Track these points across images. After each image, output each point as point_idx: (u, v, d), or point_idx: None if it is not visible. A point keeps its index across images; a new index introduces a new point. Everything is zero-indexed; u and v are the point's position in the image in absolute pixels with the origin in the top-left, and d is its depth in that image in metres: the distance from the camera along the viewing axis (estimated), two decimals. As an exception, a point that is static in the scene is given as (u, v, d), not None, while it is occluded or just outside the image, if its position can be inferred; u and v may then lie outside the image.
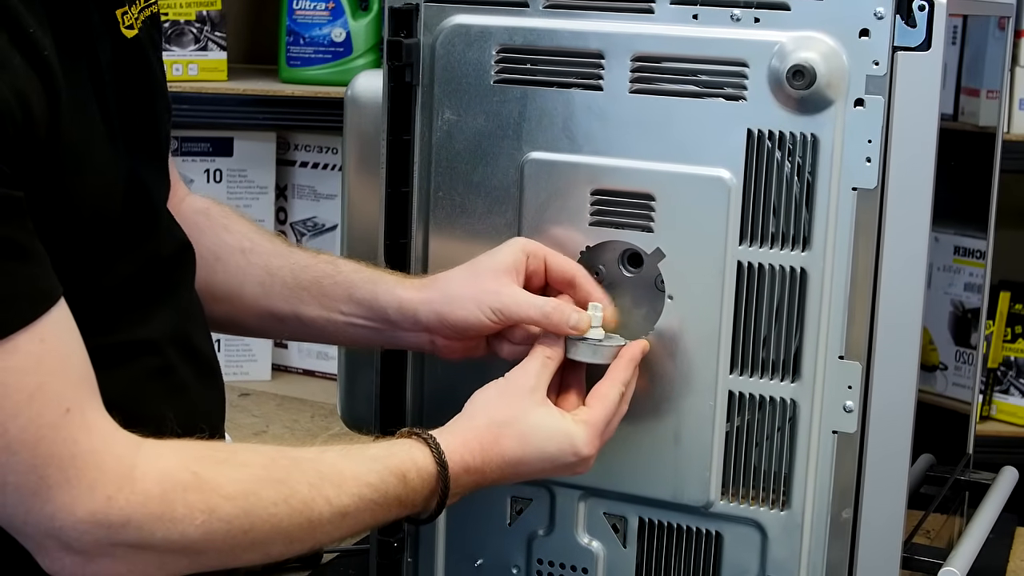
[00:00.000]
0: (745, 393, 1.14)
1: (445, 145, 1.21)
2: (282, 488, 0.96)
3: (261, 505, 0.95)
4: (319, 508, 0.98)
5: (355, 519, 1.00)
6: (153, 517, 0.91)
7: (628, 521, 1.20)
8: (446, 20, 1.19)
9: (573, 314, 1.12)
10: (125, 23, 1.06)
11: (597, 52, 1.15)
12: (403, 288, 1.18)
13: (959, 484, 1.40)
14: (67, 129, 0.93)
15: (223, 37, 2.04)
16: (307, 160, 2.15)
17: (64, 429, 0.90)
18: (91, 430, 0.91)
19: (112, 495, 0.90)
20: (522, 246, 1.16)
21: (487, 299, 1.13)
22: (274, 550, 0.97)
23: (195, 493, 0.93)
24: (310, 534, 0.98)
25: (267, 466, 0.98)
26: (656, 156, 1.14)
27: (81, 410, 0.91)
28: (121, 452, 0.92)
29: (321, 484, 0.98)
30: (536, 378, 1.10)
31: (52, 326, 0.90)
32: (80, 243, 0.97)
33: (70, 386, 0.91)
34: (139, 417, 0.95)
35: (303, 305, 1.21)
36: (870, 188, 1.08)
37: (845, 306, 1.10)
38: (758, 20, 1.10)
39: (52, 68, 0.91)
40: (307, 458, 1.00)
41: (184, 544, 0.92)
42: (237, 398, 1.97)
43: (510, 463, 1.08)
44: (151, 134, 1.09)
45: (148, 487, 0.92)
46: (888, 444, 1.11)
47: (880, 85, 1.07)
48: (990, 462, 1.44)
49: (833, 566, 1.13)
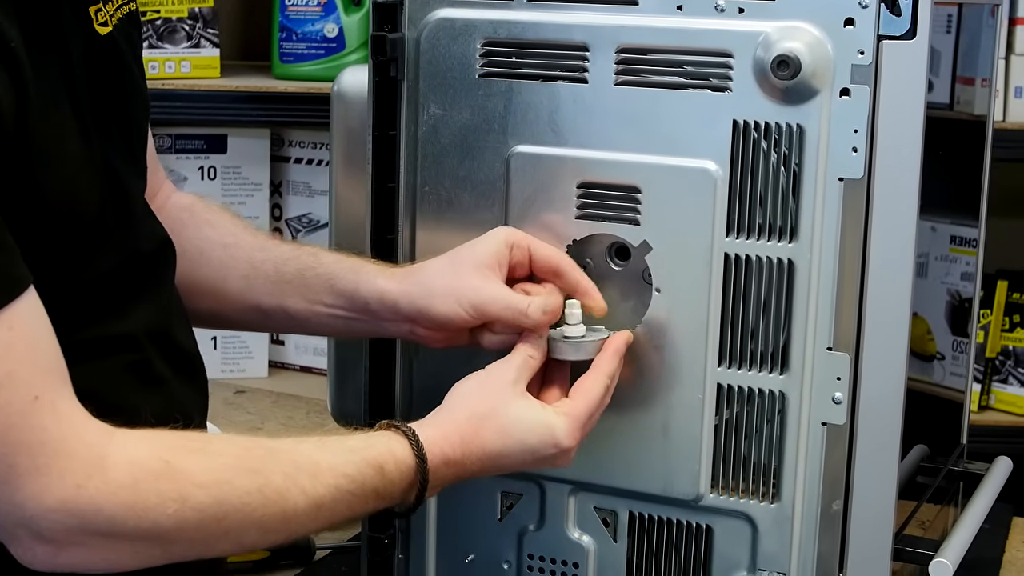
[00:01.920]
0: (734, 385, 1.13)
1: (431, 140, 1.20)
2: (256, 477, 0.96)
3: (235, 494, 0.94)
4: (294, 498, 0.97)
5: (331, 510, 0.99)
6: (124, 506, 0.91)
7: (618, 515, 1.19)
8: (430, 14, 1.19)
9: (547, 300, 1.12)
10: (99, 20, 1.05)
11: (582, 44, 1.14)
12: (384, 279, 1.17)
13: (954, 475, 1.40)
14: (36, 122, 0.92)
15: (215, 34, 2.04)
16: (301, 156, 2.14)
17: (33, 417, 0.89)
18: (61, 418, 0.90)
19: (82, 483, 0.90)
20: (504, 237, 1.15)
21: (466, 294, 1.13)
22: (248, 540, 0.96)
23: (167, 482, 0.92)
24: (285, 524, 0.97)
25: (241, 455, 0.97)
26: (642, 148, 1.13)
27: (51, 398, 0.90)
28: (92, 440, 0.91)
29: (296, 474, 0.97)
30: (517, 371, 1.10)
31: (21, 314, 0.89)
32: (54, 237, 0.96)
33: (39, 374, 0.90)
34: (113, 409, 0.94)
35: (286, 298, 1.20)
36: (857, 178, 1.08)
37: (833, 297, 1.09)
38: (743, 10, 1.10)
39: (19, 60, 0.91)
40: (283, 448, 1.00)
41: (156, 533, 0.92)
42: (233, 395, 1.97)
43: (491, 456, 1.07)
44: (125, 130, 1.08)
45: (119, 476, 0.91)
46: (878, 435, 1.10)
47: (865, 74, 1.06)
48: (989, 452, 1.44)
49: (824, 558, 1.13)
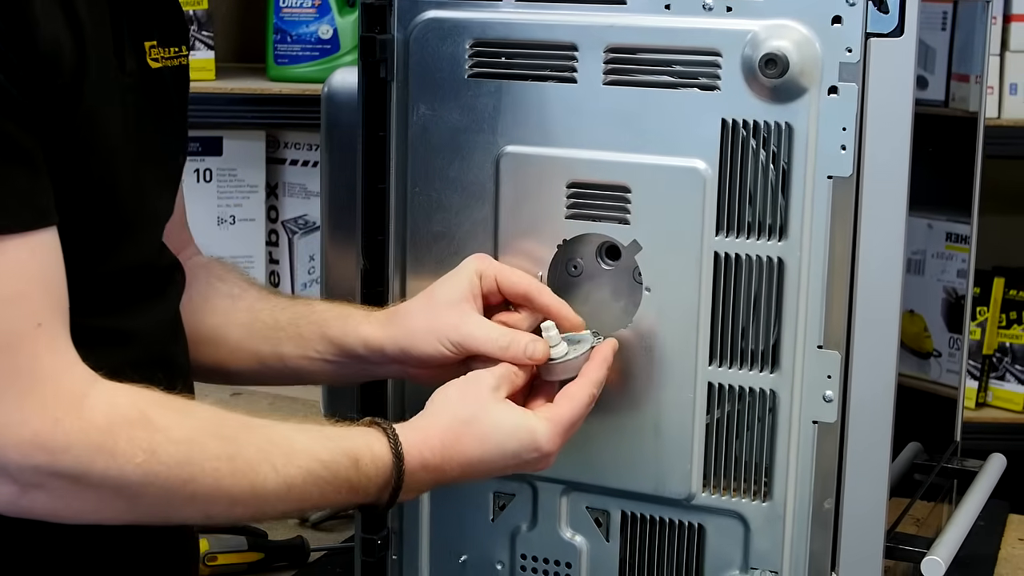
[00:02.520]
0: (724, 384, 1.13)
1: (421, 140, 1.20)
2: (228, 445, 0.96)
3: (204, 456, 0.95)
4: (264, 473, 0.97)
5: (302, 492, 0.99)
6: (94, 447, 0.91)
7: (611, 515, 1.19)
8: (419, 15, 1.19)
9: (529, 344, 1.12)
10: (151, 55, 1.09)
11: (570, 44, 1.14)
12: (368, 325, 1.18)
13: (949, 472, 1.40)
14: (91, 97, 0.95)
15: (210, 36, 2.04)
16: (297, 158, 2.15)
17: (31, 342, 0.90)
18: (55, 352, 0.92)
19: (60, 418, 0.91)
20: (475, 268, 1.15)
21: (446, 333, 1.14)
22: (215, 509, 0.97)
23: (140, 431, 0.93)
24: (253, 499, 0.97)
25: (217, 423, 0.98)
26: (631, 148, 1.13)
27: (51, 329, 0.92)
28: (78, 378, 0.93)
29: (270, 450, 0.98)
30: (498, 379, 1.10)
31: (43, 245, 0.91)
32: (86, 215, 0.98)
33: (47, 305, 0.92)
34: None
35: (281, 345, 1.22)
36: (845, 176, 1.08)
37: (823, 295, 1.09)
38: (730, 9, 1.10)
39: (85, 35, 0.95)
40: (260, 424, 1.00)
41: (121, 483, 0.92)
42: (229, 397, 1.97)
43: (471, 462, 1.07)
44: (158, 154, 1.10)
45: (95, 416, 0.92)
46: (869, 433, 1.10)
47: (853, 72, 1.06)
48: (987, 448, 1.44)
49: (816, 556, 1.13)
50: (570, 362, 1.13)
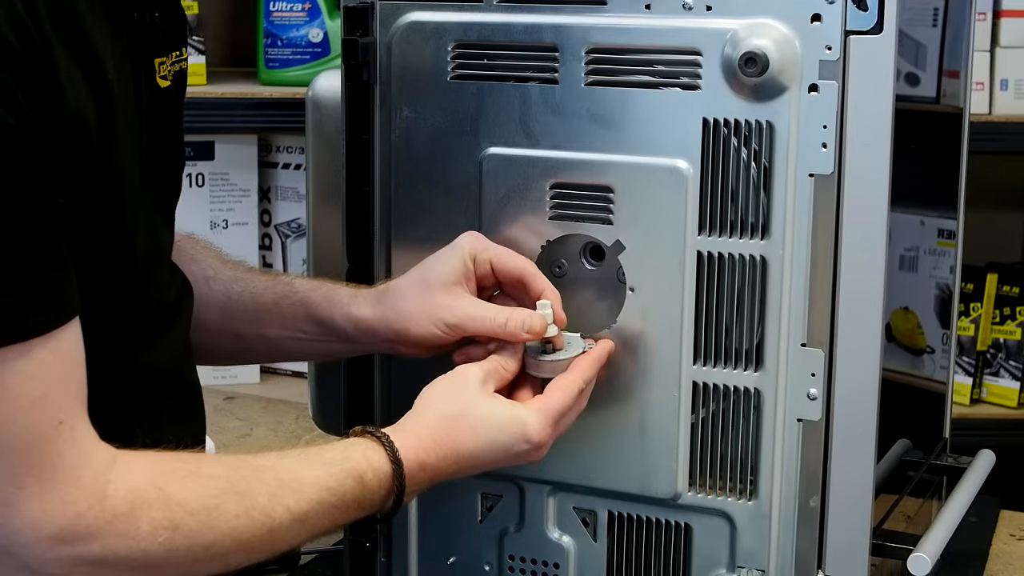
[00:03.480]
0: (709, 383, 1.13)
1: (404, 143, 1.20)
2: (243, 500, 0.96)
3: (223, 519, 0.95)
4: (279, 516, 0.98)
5: (314, 523, 1.00)
6: (117, 534, 0.91)
7: (598, 515, 1.19)
8: (401, 18, 1.19)
9: (527, 319, 1.12)
10: (160, 72, 1.08)
11: (551, 45, 1.14)
12: (357, 306, 1.18)
13: (939, 469, 1.40)
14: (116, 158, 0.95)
15: (201, 41, 2.04)
16: (289, 162, 2.15)
17: (53, 441, 0.90)
18: (75, 445, 0.91)
19: (83, 512, 0.91)
20: (468, 249, 1.15)
21: (440, 314, 1.14)
22: (234, 560, 0.97)
23: (160, 510, 0.93)
24: (270, 543, 0.98)
25: (230, 478, 0.98)
26: (613, 148, 1.13)
27: (72, 424, 0.92)
28: (99, 466, 0.92)
29: (281, 493, 0.98)
30: (485, 374, 1.10)
31: (67, 339, 0.91)
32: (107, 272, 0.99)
33: (68, 399, 0.92)
34: (125, 438, 0.96)
35: (264, 328, 1.22)
36: (827, 174, 1.08)
37: (806, 293, 1.09)
38: (710, 8, 1.10)
39: (113, 94, 0.94)
40: (267, 466, 1.00)
41: (145, 561, 0.93)
42: (223, 402, 1.97)
43: (464, 456, 1.07)
44: (165, 184, 1.11)
45: (116, 504, 0.92)
46: (853, 430, 1.10)
47: (833, 70, 1.06)
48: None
49: (802, 554, 1.13)
50: (560, 361, 1.13)
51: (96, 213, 0.96)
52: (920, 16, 1.91)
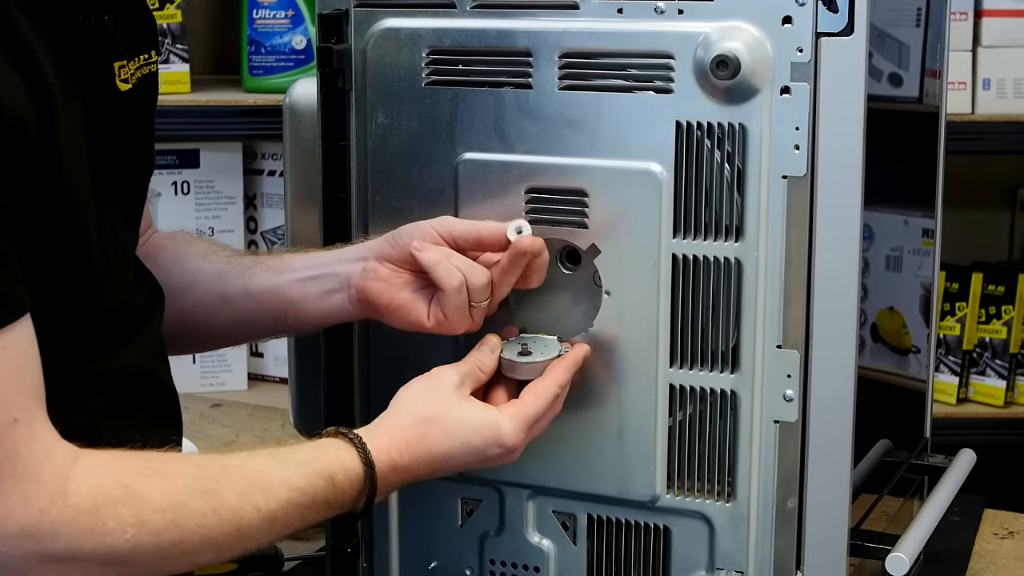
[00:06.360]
0: (686, 386, 1.13)
1: (380, 149, 1.21)
2: (212, 499, 0.97)
3: (190, 516, 0.95)
4: (248, 516, 0.98)
5: (283, 523, 1.00)
6: (83, 530, 0.92)
7: (577, 518, 1.20)
8: (376, 24, 1.19)
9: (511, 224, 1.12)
10: (121, 76, 1.08)
11: (525, 50, 1.15)
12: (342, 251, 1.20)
13: (920, 468, 1.40)
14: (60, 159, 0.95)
15: (185, 49, 2.04)
16: (274, 168, 2.15)
17: (9, 439, 0.90)
18: (32, 442, 0.91)
19: (45, 508, 0.91)
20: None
21: (433, 223, 1.15)
22: (203, 559, 0.97)
23: (126, 507, 0.93)
24: (239, 542, 0.98)
25: (197, 476, 0.98)
26: (587, 152, 1.13)
27: (28, 421, 0.91)
28: (59, 463, 0.92)
29: (250, 492, 0.98)
30: (462, 376, 1.10)
31: (16, 336, 0.91)
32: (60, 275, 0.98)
33: (22, 396, 0.91)
34: (90, 441, 0.96)
35: (253, 278, 1.22)
36: (800, 175, 1.08)
37: (781, 295, 1.10)
38: (682, 12, 1.10)
39: (53, 99, 0.94)
40: (235, 465, 1.00)
41: (112, 557, 0.93)
42: (209, 409, 1.97)
43: (437, 459, 1.08)
44: (126, 188, 1.10)
45: (79, 501, 0.92)
46: (830, 431, 1.10)
47: (805, 72, 1.07)
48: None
49: (781, 555, 1.13)
50: (536, 364, 1.13)
51: (44, 215, 0.95)
52: (903, 16, 1.91)
